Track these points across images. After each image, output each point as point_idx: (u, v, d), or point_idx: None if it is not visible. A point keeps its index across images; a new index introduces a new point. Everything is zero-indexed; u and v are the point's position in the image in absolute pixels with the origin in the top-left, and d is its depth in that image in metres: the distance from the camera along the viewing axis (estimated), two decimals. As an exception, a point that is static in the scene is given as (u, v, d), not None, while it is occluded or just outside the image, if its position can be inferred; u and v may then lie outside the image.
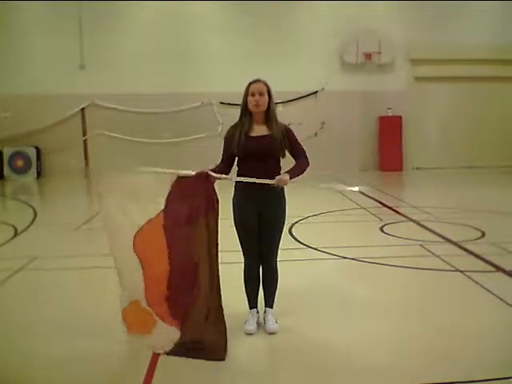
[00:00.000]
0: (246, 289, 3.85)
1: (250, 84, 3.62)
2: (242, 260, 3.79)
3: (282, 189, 3.65)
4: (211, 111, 13.73)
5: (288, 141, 3.64)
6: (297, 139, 3.72)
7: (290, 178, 3.49)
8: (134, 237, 3.35)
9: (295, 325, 3.86)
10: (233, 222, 3.73)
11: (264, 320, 3.81)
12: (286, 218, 3.76)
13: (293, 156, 3.73)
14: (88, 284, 4.98)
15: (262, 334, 3.71)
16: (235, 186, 3.69)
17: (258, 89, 3.56)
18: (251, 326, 3.73)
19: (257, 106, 3.56)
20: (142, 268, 3.38)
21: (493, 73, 14.06)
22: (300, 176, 3.61)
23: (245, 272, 3.80)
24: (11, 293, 4.79)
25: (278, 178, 3.48)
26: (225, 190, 3.64)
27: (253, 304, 3.85)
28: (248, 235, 3.68)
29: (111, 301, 3.67)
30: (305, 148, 3.74)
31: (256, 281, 3.81)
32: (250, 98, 3.57)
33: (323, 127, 14.21)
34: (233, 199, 3.72)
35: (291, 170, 3.59)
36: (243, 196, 3.66)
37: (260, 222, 3.66)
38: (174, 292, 3.35)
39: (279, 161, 3.67)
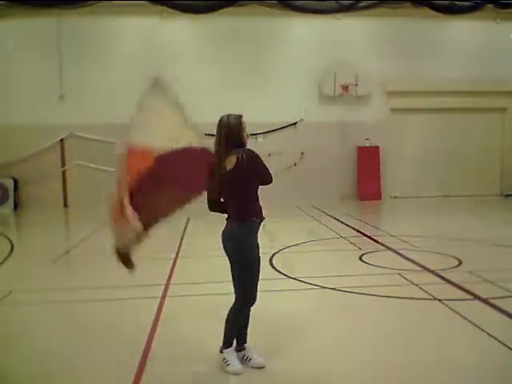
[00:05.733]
0: (234, 327, 3.62)
1: (242, 119, 3.65)
2: (235, 297, 3.60)
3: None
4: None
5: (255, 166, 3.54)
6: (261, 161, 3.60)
7: None
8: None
9: (278, 359, 3.82)
10: (244, 260, 3.52)
11: (246, 357, 3.67)
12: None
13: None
14: (64, 318, 4.88)
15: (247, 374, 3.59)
16: (245, 223, 3.52)
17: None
18: (238, 366, 3.56)
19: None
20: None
21: (465, 104, 14.53)
22: None
23: (241, 310, 3.58)
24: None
25: None
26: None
27: (232, 342, 3.66)
28: (259, 270, 3.61)
29: (86, 334, 3.61)
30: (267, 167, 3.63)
31: None
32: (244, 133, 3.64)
33: (302, 157, 14.41)
34: (244, 237, 3.50)
35: None
36: (255, 231, 3.58)
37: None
38: None
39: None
